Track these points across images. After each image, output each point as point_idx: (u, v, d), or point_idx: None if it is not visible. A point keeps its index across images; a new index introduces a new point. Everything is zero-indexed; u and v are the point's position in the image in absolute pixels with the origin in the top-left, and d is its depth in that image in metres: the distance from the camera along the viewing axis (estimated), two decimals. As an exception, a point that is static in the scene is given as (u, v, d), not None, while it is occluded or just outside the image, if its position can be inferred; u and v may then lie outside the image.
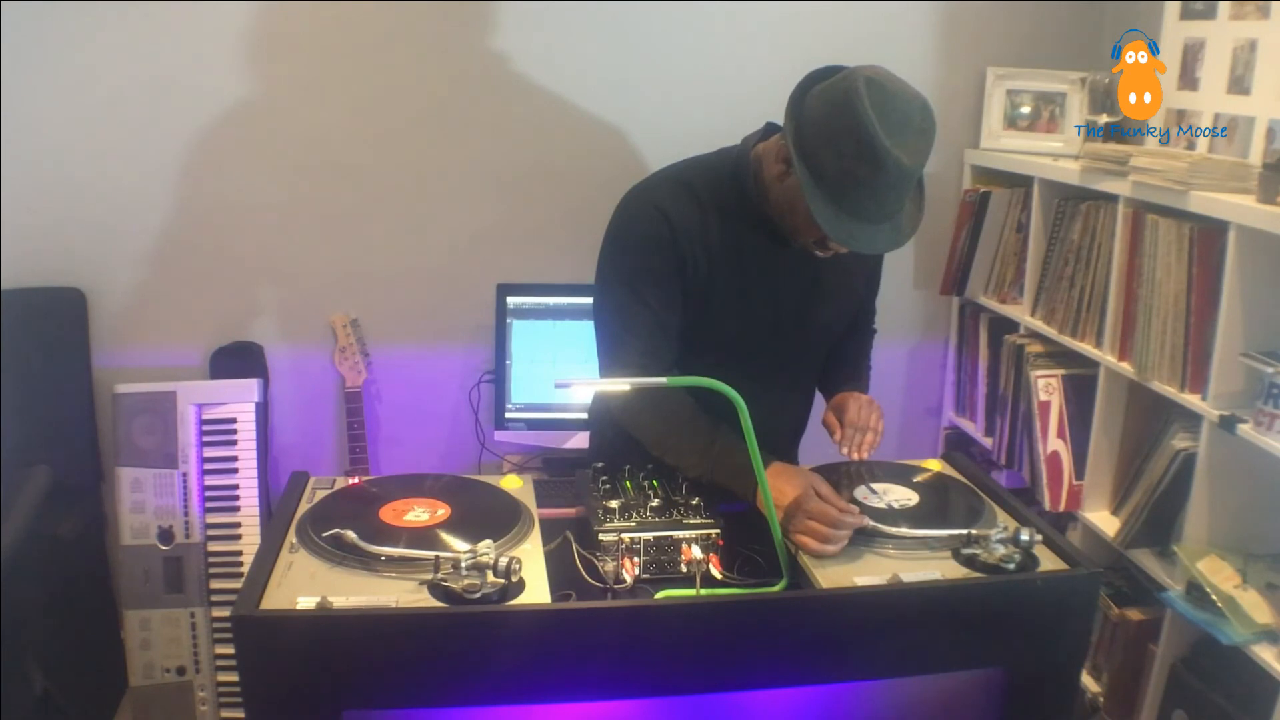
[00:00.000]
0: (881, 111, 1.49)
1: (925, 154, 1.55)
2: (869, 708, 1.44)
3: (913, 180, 1.57)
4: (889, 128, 1.48)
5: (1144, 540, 2.17)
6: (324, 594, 1.29)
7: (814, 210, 1.55)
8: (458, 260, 2.72)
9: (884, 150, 1.48)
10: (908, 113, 1.51)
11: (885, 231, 1.59)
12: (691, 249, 1.69)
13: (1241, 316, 1.88)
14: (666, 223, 1.68)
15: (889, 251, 1.66)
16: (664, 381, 1.52)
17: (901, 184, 1.54)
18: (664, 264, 1.68)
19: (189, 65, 2.48)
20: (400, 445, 2.81)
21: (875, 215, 1.56)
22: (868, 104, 1.48)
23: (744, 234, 1.72)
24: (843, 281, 1.85)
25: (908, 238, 1.63)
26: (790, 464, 1.64)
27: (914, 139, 1.51)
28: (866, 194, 1.53)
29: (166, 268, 2.61)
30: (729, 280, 1.72)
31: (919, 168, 1.55)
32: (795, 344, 1.84)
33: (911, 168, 1.52)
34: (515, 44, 2.58)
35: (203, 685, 2.50)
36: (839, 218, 1.55)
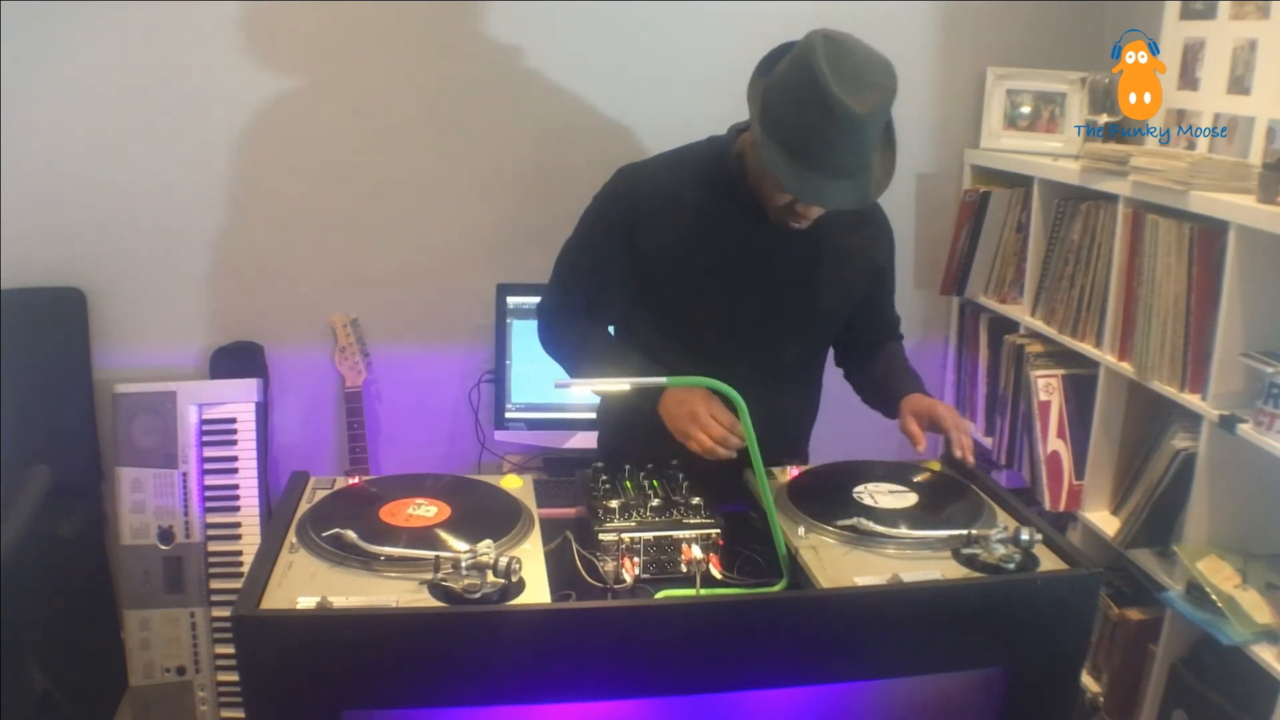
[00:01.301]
0: (835, 63, 1.53)
1: (881, 107, 1.56)
2: (869, 708, 1.44)
3: (868, 133, 1.57)
4: (841, 77, 1.52)
5: (1144, 540, 2.17)
6: (324, 594, 1.29)
7: (769, 162, 1.59)
8: (458, 260, 2.72)
9: (834, 97, 1.51)
10: (863, 66, 1.55)
11: (846, 188, 1.60)
12: (656, 219, 1.76)
13: (1241, 316, 1.88)
14: (632, 192, 1.79)
15: (851, 208, 1.66)
16: (664, 382, 1.52)
17: (856, 135, 1.55)
18: (619, 233, 1.79)
19: (189, 65, 2.48)
20: (400, 445, 2.81)
21: (833, 169, 1.58)
22: (822, 55, 1.54)
23: (729, 213, 1.76)
24: (839, 269, 1.84)
25: (872, 195, 1.64)
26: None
27: (868, 91, 1.53)
28: (821, 145, 1.56)
29: (166, 268, 2.61)
30: (709, 256, 1.77)
31: (873, 120, 1.56)
32: (792, 330, 1.85)
33: (863, 116, 1.53)
34: (516, 44, 2.58)
35: (203, 685, 2.50)
36: (796, 171, 1.58)
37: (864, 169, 1.60)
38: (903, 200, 2.83)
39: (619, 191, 1.83)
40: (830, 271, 1.83)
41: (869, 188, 1.63)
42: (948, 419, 1.72)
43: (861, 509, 1.55)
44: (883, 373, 1.92)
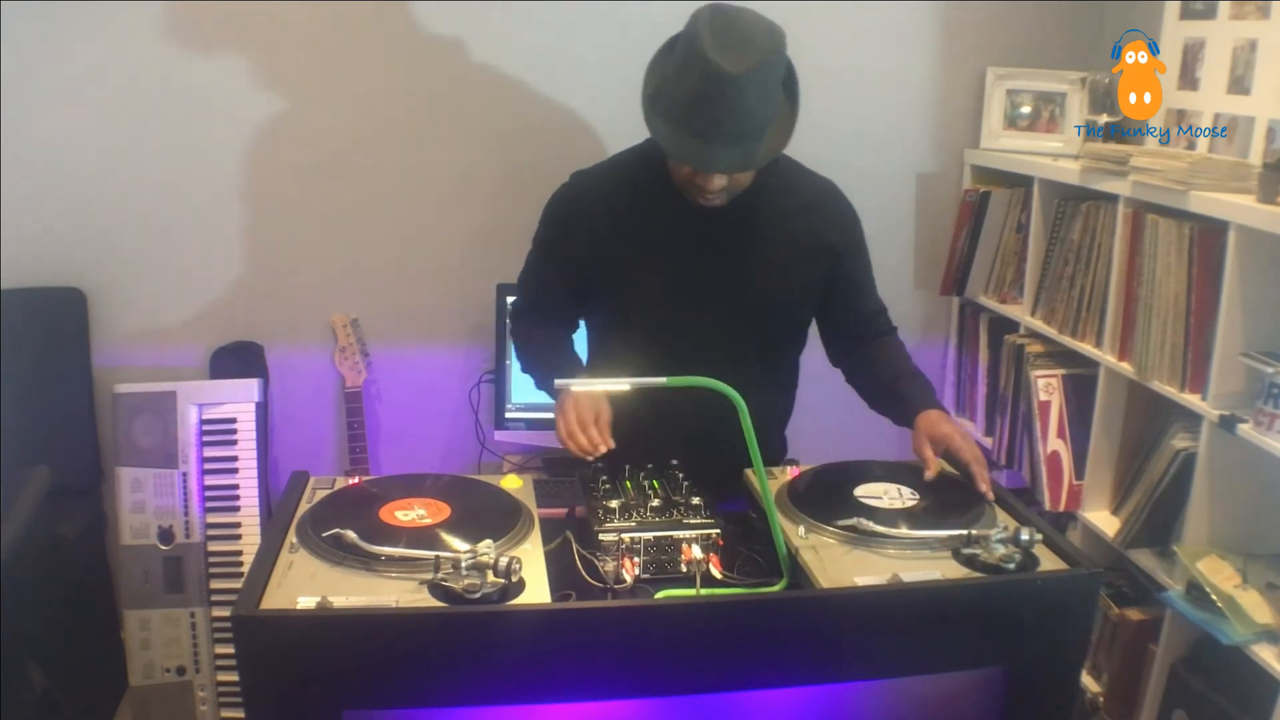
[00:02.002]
0: (717, 30, 1.57)
1: (759, 68, 1.57)
2: (869, 708, 1.44)
3: (749, 95, 1.57)
4: (719, 40, 1.56)
5: (1144, 540, 2.17)
6: (324, 594, 1.29)
7: (652, 129, 1.64)
8: (458, 260, 2.72)
9: (709, 59, 1.54)
10: (745, 31, 1.58)
11: (732, 152, 1.62)
12: (595, 220, 1.82)
13: (1241, 316, 1.88)
14: (574, 196, 1.86)
15: (735, 171, 1.66)
16: (664, 382, 1.52)
17: (735, 97, 1.56)
18: (560, 238, 1.87)
19: (189, 65, 2.48)
20: (400, 445, 2.81)
21: (715, 133, 1.59)
22: (704, 23, 1.58)
23: (664, 207, 1.79)
24: (784, 252, 1.84)
25: (759, 159, 1.65)
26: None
27: (748, 53, 1.56)
28: (701, 108, 1.58)
29: (166, 268, 2.61)
30: (647, 251, 1.81)
31: (752, 80, 1.56)
32: (744, 320, 1.85)
33: (739, 76, 1.55)
34: (516, 44, 2.58)
35: (203, 685, 2.50)
36: (679, 136, 1.62)
37: (750, 133, 1.61)
38: (903, 200, 2.83)
39: (561, 196, 1.89)
40: (774, 256, 1.83)
41: (756, 151, 1.63)
42: (965, 452, 1.68)
43: (861, 509, 1.55)
44: (890, 379, 1.88)
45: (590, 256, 1.84)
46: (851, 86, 2.71)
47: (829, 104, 2.71)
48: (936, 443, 1.72)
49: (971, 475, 1.66)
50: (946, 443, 1.71)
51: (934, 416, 1.76)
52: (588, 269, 1.86)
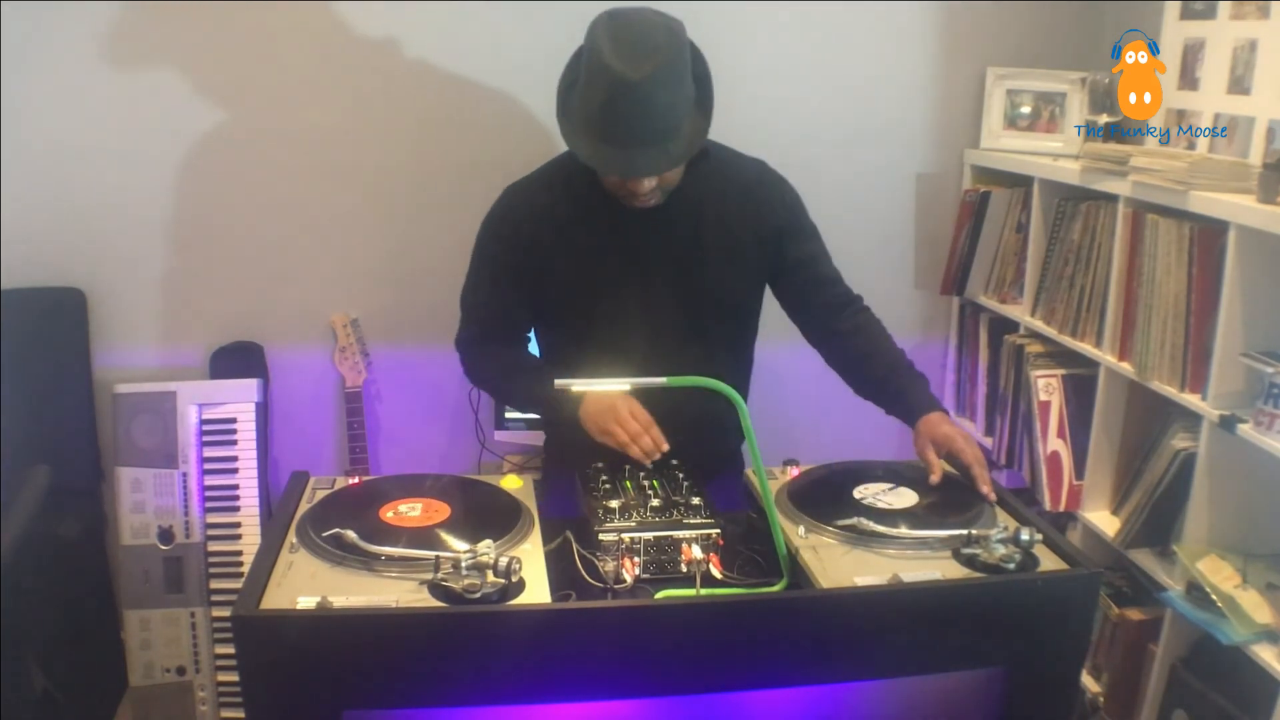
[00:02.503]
0: (614, 36, 1.59)
1: (662, 70, 1.58)
2: (869, 708, 1.44)
3: (657, 98, 1.59)
4: (618, 48, 1.57)
5: (1144, 540, 2.17)
6: (324, 594, 1.29)
7: (570, 144, 1.66)
8: (458, 260, 2.70)
9: (611, 70, 1.56)
10: (643, 33, 1.59)
11: (652, 154, 1.63)
12: (534, 232, 1.83)
13: (1241, 316, 1.88)
14: (510, 211, 1.87)
15: (655, 174, 1.67)
16: (664, 382, 1.52)
17: (644, 102, 1.58)
18: (503, 254, 1.87)
19: (189, 65, 2.48)
20: (400, 445, 2.81)
21: (630, 139, 1.61)
22: (602, 31, 1.60)
23: (600, 212, 1.80)
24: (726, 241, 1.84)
25: (676, 158, 1.66)
26: None
27: (647, 55, 1.57)
28: (610, 115, 1.60)
29: (166, 268, 2.61)
30: (589, 256, 1.82)
31: (655, 83, 1.58)
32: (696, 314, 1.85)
33: (641, 81, 1.56)
34: (515, 43, 2.58)
35: (203, 685, 2.50)
36: (595, 146, 1.64)
37: (666, 131, 1.62)
38: (903, 200, 2.83)
39: (497, 212, 1.89)
40: (717, 245, 1.83)
41: (675, 151, 1.64)
42: (967, 453, 1.68)
43: (861, 509, 1.55)
44: (882, 374, 1.88)
45: (533, 266, 1.84)
46: (851, 86, 2.71)
47: (829, 104, 2.71)
48: (939, 445, 1.72)
49: (973, 477, 1.66)
50: (948, 445, 1.71)
51: (935, 419, 1.76)
52: (532, 279, 1.85)
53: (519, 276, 1.86)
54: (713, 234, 1.83)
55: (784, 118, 2.62)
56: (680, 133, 1.64)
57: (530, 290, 1.87)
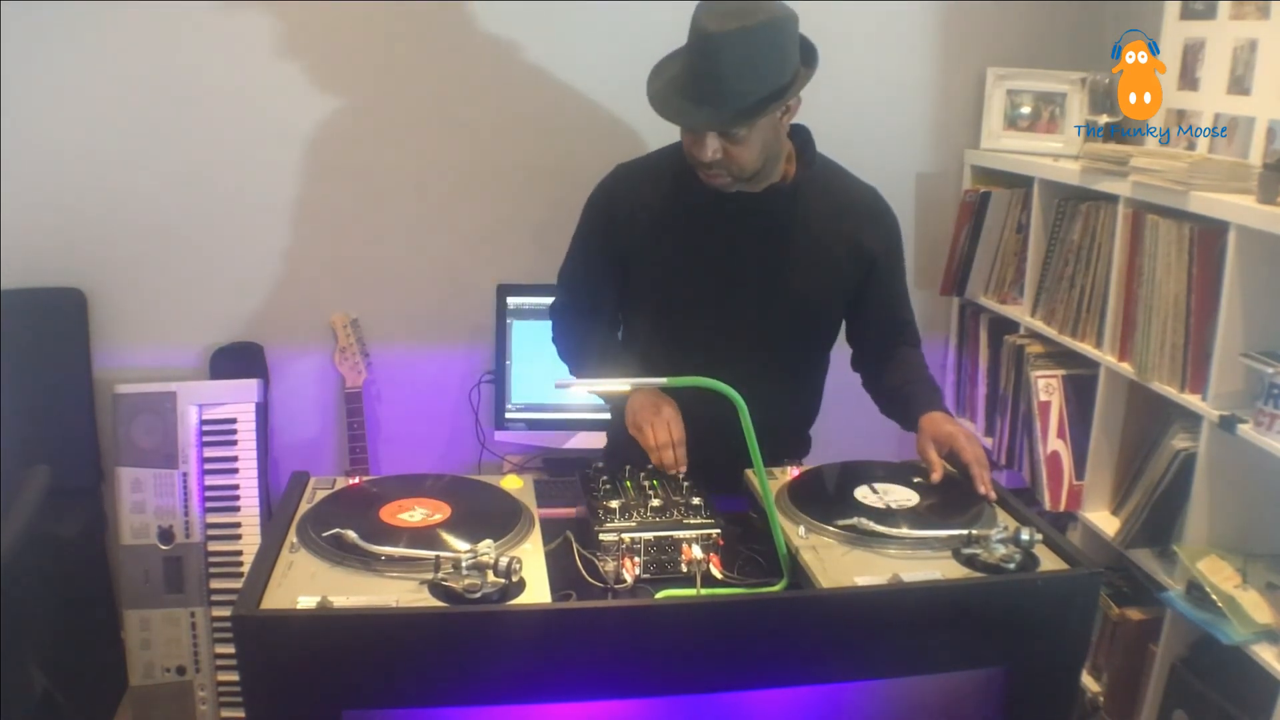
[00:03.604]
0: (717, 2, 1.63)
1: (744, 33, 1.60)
2: (869, 708, 1.44)
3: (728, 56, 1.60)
4: (713, 11, 1.62)
5: (1144, 540, 2.17)
6: (324, 594, 1.29)
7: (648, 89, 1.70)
8: (458, 260, 2.72)
9: (699, 22, 1.61)
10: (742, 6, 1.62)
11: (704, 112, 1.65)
12: (631, 214, 1.84)
13: (1241, 316, 1.88)
14: (608, 197, 1.88)
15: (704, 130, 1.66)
16: (664, 382, 1.52)
17: (715, 56, 1.60)
18: (599, 231, 1.89)
19: (189, 65, 2.48)
20: (400, 445, 2.81)
21: (694, 92, 1.64)
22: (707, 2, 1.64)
23: (697, 201, 1.80)
24: (818, 252, 1.84)
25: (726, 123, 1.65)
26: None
27: (736, 17, 1.60)
28: (685, 67, 1.65)
29: (166, 268, 2.61)
30: (680, 245, 1.83)
31: (731, 41, 1.59)
32: (774, 317, 1.85)
33: (718, 35, 1.59)
34: (515, 43, 2.58)
35: (203, 685, 2.50)
36: (665, 93, 1.68)
37: (730, 96, 1.63)
38: (903, 200, 2.82)
39: (601, 190, 1.91)
40: (810, 256, 1.83)
41: (729, 113, 1.64)
42: (967, 452, 1.67)
43: (861, 509, 1.55)
44: (899, 383, 1.89)
45: (630, 249, 1.85)
46: (851, 86, 2.71)
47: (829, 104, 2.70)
48: (940, 443, 1.72)
49: (972, 476, 1.66)
50: (949, 443, 1.70)
51: (937, 418, 1.76)
52: (627, 262, 1.87)
53: (609, 255, 1.88)
54: (807, 244, 1.83)
55: (784, 118, 2.62)
56: (744, 102, 1.63)
57: (620, 271, 1.89)
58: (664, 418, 1.70)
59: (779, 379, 1.89)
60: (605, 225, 1.87)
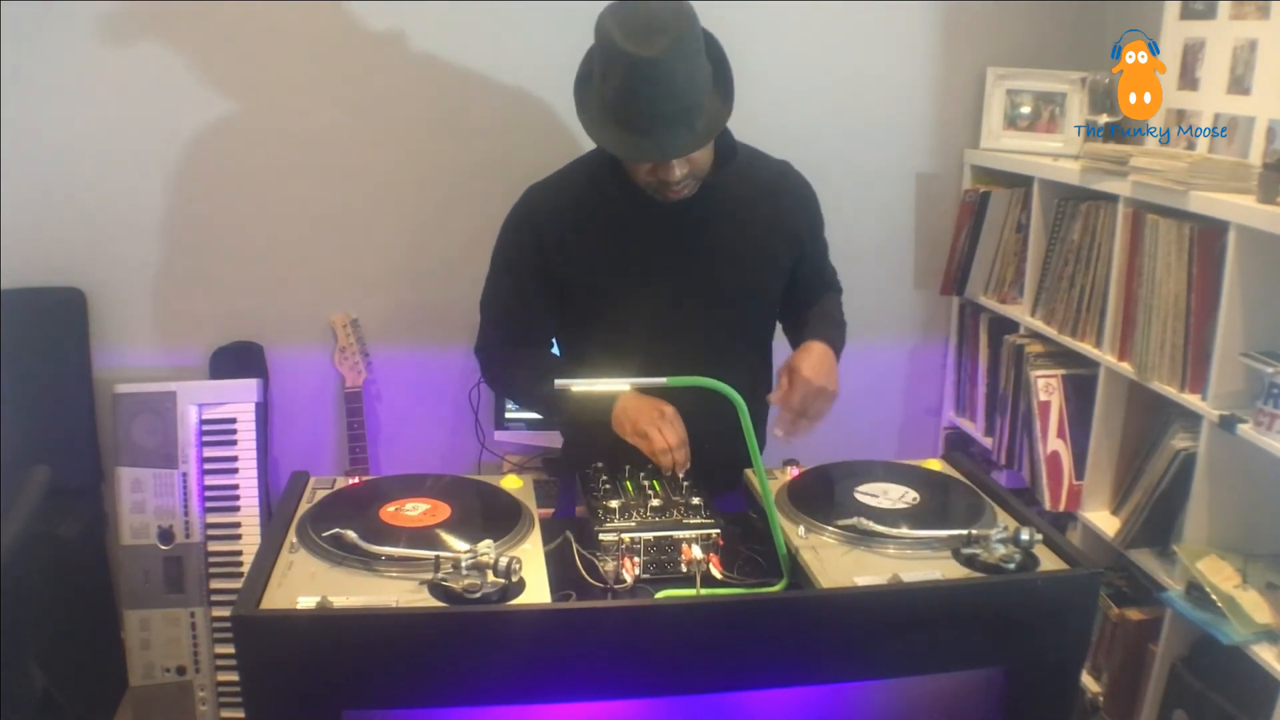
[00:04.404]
0: (622, 21, 1.57)
1: (676, 45, 1.55)
2: (869, 708, 1.44)
3: (674, 77, 1.56)
4: (628, 30, 1.55)
5: (1144, 540, 2.17)
6: (324, 594, 1.29)
7: (593, 137, 1.63)
8: (458, 260, 2.72)
9: (625, 51, 1.54)
10: (651, 13, 1.57)
11: (678, 134, 1.60)
12: (559, 231, 1.79)
13: (1241, 316, 1.88)
14: (532, 211, 1.83)
15: (685, 155, 1.63)
16: (664, 382, 1.52)
17: (660, 81, 1.55)
18: (528, 253, 1.82)
19: (189, 65, 2.48)
20: (400, 445, 2.81)
21: (652, 121, 1.58)
22: (609, 19, 1.58)
23: (626, 209, 1.78)
24: (757, 241, 1.83)
25: (704, 135, 1.62)
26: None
27: (659, 32, 1.54)
28: (630, 99, 1.57)
29: (166, 268, 2.61)
30: (616, 253, 1.80)
31: (670, 61, 1.55)
32: (721, 314, 1.84)
33: (656, 58, 1.53)
34: (516, 43, 2.58)
35: (203, 685, 2.50)
36: (619, 134, 1.61)
37: (690, 110, 1.59)
38: (903, 200, 2.83)
39: (519, 213, 1.85)
40: (741, 244, 1.83)
41: (701, 128, 1.61)
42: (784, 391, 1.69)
43: (861, 509, 1.55)
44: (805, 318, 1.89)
45: (555, 267, 1.81)
46: (851, 86, 2.71)
47: (829, 104, 2.71)
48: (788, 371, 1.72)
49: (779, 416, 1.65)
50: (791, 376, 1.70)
51: (813, 347, 1.74)
52: (556, 281, 1.83)
53: (541, 278, 1.83)
54: (740, 233, 1.82)
55: (784, 117, 2.62)
56: (703, 110, 1.61)
57: (552, 292, 1.85)
58: (668, 419, 1.68)
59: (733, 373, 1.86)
60: (529, 249, 1.82)
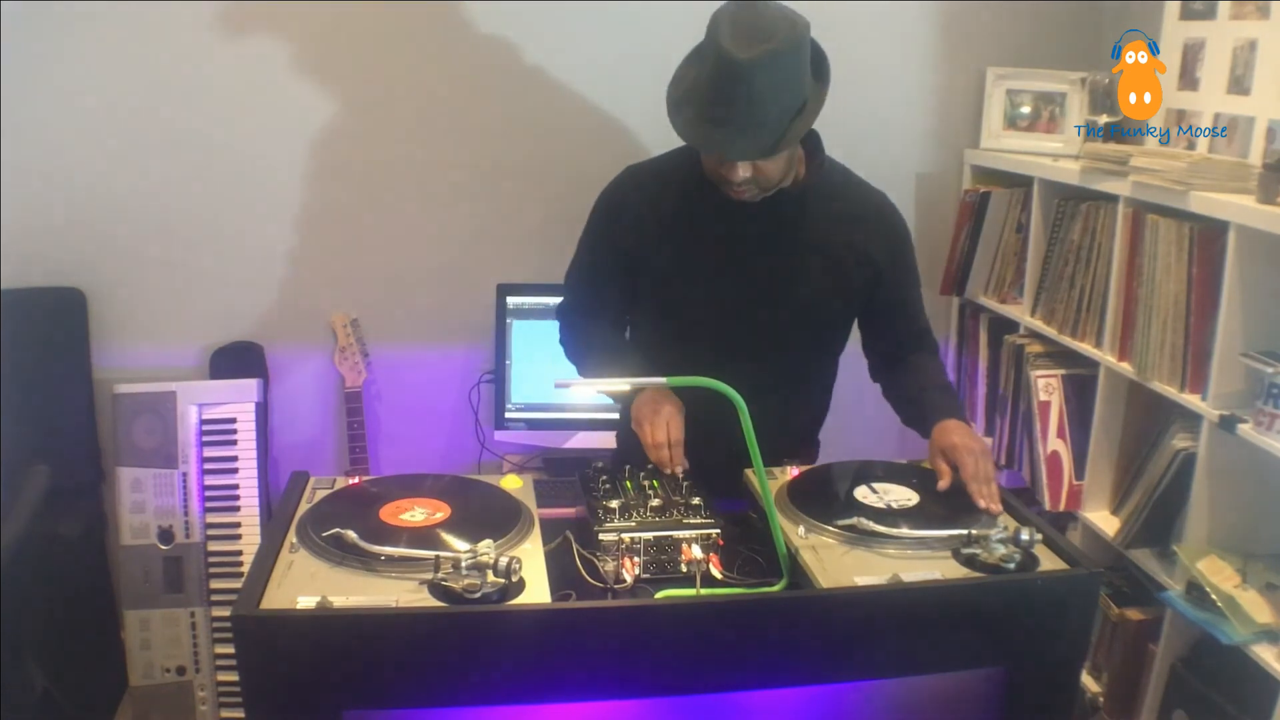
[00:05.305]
0: (735, 19, 1.59)
1: (770, 57, 1.57)
2: (869, 708, 1.44)
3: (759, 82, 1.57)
4: (736, 31, 1.58)
5: (1144, 540, 2.17)
6: (324, 594, 1.29)
7: (672, 119, 1.66)
8: (458, 260, 2.72)
9: (723, 48, 1.56)
10: (763, 22, 1.59)
11: (746, 140, 1.62)
12: (639, 217, 1.83)
13: (1241, 316, 1.88)
14: (616, 199, 1.87)
15: (746, 159, 1.65)
16: (664, 382, 1.52)
17: (746, 83, 1.57)
18: (606, 233, 1.88)
19: (189, 65, 2.48)
20: (400, 445, 2.81)
21: (728, 121, 1.61)
22: (725, 14, 1.60)
23: (707, 207, 1.80)
24: (826, 260, 1.83)
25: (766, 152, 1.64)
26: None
27: (760, 43, 1.57)
28: (711, 92, 1.60)
29: (166, 268, 2.61)
30: (688, 249, 1.82)
31: (762, 67, 1.56)
32: (782, 323, 1.85)
33: (747, 62, 1.55)
34: (515, 43, 2.58)
35: (203, 685, 2.50)
36: (694, 122, 1.64)
37: (764, 121, 1.61)
38: (903, 200, 2.81)
39: (609, 193, 1.90)
40: (815, 261, 1.83)
41: (767, 140, 1.63)
42: (967, 468, 1.64)
43: (861, 509, 1.55)
44: (914, 391, 1.86)
45: (635, 251, 1.85)
46: (851, 86, 2.69)
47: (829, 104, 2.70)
48: (946, 455, 1.69)
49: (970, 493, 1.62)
50: (952, 455, 1.67)
51: (949, 426, 1.72)
52: (632, 264, 1.86)
53: (617, 257, 1.87)
54: (816, 249, 1.82)
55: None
56: (779, 125, 1.62)
57: (626, 272, 1.88)
58: (663, 417, 1.70)
59: (786, 384, 1.88)
60: (612, 227, 1.87)
